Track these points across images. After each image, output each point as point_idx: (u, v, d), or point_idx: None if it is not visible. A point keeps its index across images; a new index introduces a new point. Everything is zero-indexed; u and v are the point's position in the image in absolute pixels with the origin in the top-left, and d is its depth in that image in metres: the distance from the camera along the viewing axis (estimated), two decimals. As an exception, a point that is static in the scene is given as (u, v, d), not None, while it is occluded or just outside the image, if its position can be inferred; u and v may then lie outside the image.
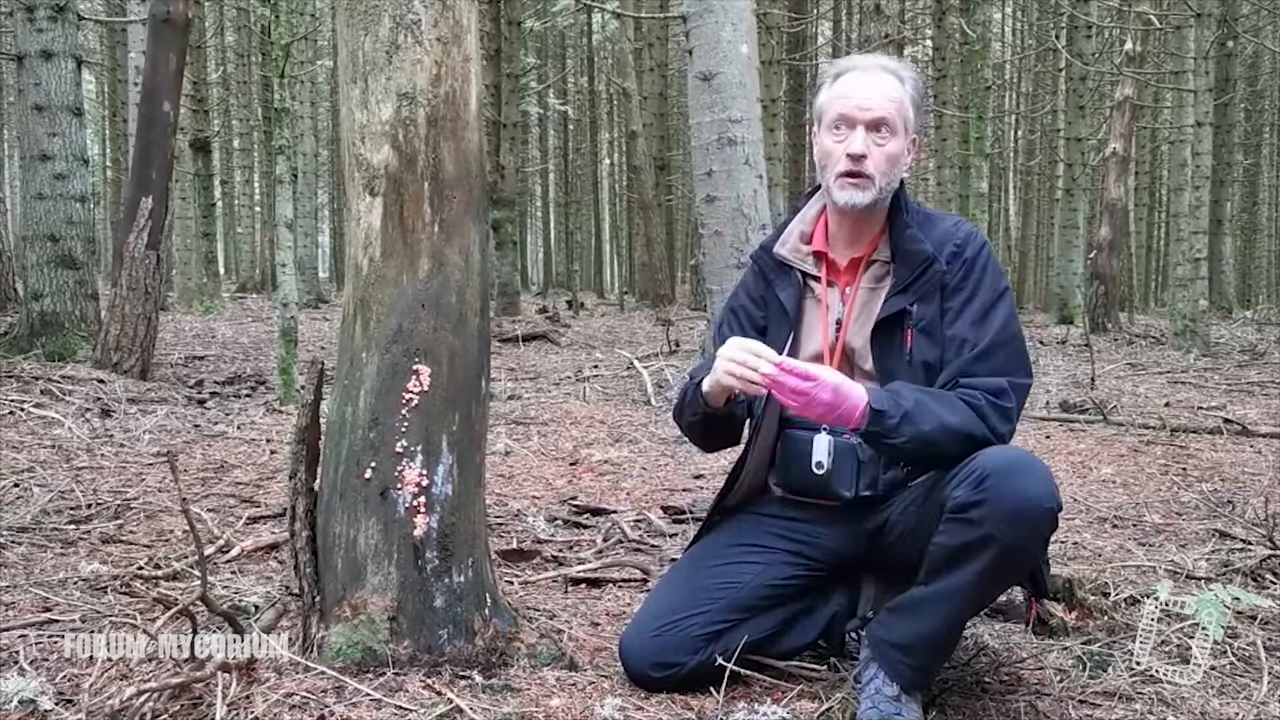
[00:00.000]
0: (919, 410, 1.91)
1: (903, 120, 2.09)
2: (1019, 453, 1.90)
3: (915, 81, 2.12)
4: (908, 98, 2.10)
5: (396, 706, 1.83)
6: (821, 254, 2.19)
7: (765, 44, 13.58)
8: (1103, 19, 16.50)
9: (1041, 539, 1.88)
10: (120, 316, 6.49)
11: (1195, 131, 11.70)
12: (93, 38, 23.25)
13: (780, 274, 2.23)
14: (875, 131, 2.07)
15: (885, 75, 2.10)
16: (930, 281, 2.06)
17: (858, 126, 2.06)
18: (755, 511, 2.24)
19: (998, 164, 27.09)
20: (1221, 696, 2.10)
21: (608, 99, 31.16)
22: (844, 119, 2.08)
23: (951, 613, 1.89)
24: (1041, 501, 1.80)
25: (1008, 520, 1.79)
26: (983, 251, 2.08)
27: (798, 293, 2.20)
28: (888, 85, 2.09)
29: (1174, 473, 4.52)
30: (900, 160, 2.10)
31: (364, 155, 2.05)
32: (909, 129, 2.11)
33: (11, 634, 2.21)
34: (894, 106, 2.07)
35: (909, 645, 1.90)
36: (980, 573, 1.83)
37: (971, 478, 1.85)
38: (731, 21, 4.79)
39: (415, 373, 2.03)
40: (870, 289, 2.14)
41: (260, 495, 3.77)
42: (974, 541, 1.82)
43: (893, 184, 2.10)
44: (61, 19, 7.03)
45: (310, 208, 19.56)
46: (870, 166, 2.06)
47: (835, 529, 2.14)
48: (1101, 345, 11.43)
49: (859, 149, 2.05)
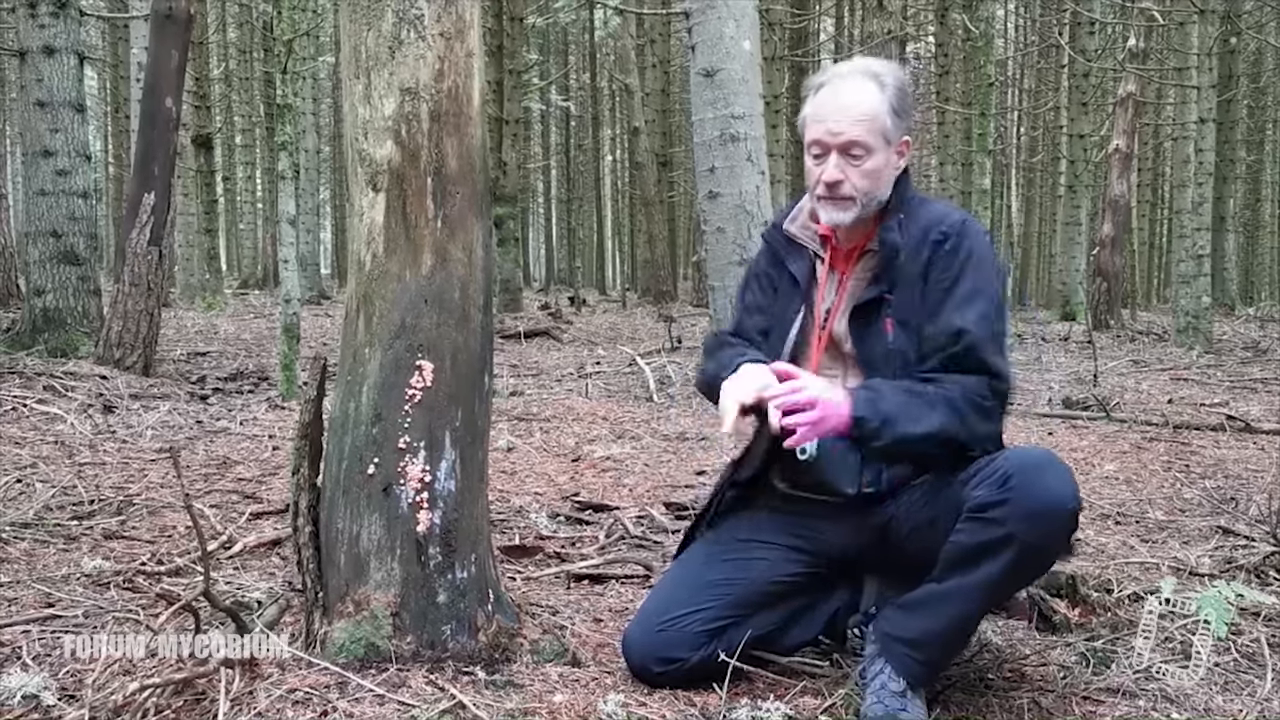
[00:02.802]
0: (899, 414, 1.91)
1: (879, 135, 2.03)
2: (1042, 453, 1.91)
3: (897, 84, 2.06)
4: (887, 104, 2.03)
5: (399, 702, 1.83)
6: (827, 238, 2.18)
7: (768, 40, 13.57)
8: (1106, 15, 16.48)
9: (1063, 539, 1.88)
10: (123, 312, 6.49)
11: (1198, 128, 11.69)
12: (95, 33, 23.25)
13: (791, 250, 2.23)
14: (849, 155, 2.03)
15: (862, 83, 2.04)
16: (902, 270, 2.05)
17: (831, 152, 2.04)
18: (758, 507, 2.24)
19: (1000, 161, 27.04)
20: (1225, 693, 2.10)
21: (610, 95, 31.15)
22: (817, 144, 2.06)
23: (966, 610, 1.90)
24: (1065, 502, 1.81)
25: (1030, 520, 1.80)
26: (971, 243, 2.05)
27: (809, 266, 2.20)
28: (862, 99, 2.03)
29: (1177, 469, 4.51)
30: (883, 172, 2.06)
31: (367, 150, 2.05)
32: (890, 138, 2.05)
33: (14, 630, 2.22)
34: (866, 125, 2.02)
35: (918, 641, 1.90)
36: (999, 571, 1.84)
37: (995, 476, 1.86)
38: (734, 17, 4.78)
39: (418, 368, 2.03)
40: (860, 279, 2.14)
41: (263, 491, 3.77)
42: (996, 540, 1.82)
43: (878, 193, 2.07)
44: (64, 14, 7.03)
45: (313, 204, 19.55)
46: (848, 189, 2.04)
47: (839, 525, 2.14)
48: (1104, 342, 11.42)
49: (832, 176, 2.03)
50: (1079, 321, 13.88)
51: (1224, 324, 15.00)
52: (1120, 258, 14.85)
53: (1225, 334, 13.27)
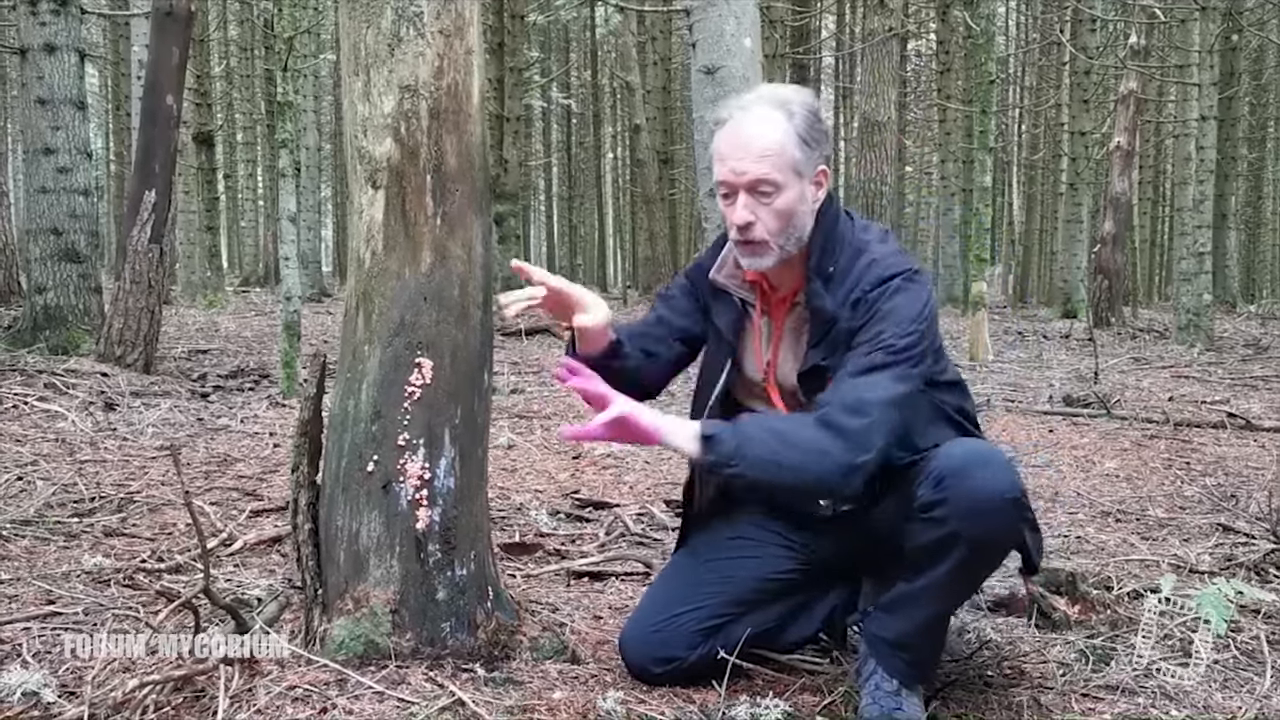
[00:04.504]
0: (757, 441, 1.82)
1: (787, 168, 1.91)
2: (973, 447, 1.87)
3: (806, 110, 1.94)
4: (794, 135, 1.91)
5: (399, 699, 1.83)
6: (757, 283, 2.09)
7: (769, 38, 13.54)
8: (1107, 12, 16.46)
9: (1009, 528, 1.84)
10: (124, 310, 6.49)
11: (1199, 125, 11.68)
12: (96, 31, 23.25)
13: (717, 299, 2.15)
14: (758, 193, 1.92)
15: (767, 114, 1.92)
16: (837, 338, 1.94)
17: (739, 192, 1.93)
18: (750, 508, 2.23)
19: (1002, 158, 27.05)
20: (1225, 690, 2.10)
21: (611, 93, 31.10)
22: (723, 184, 1.95)
23: (937, 608, 1.91)
24: (1001, 493, 1.79)
25: (970, 517, 1.79)
26: (884, 287, 1.90)
27: (737, 319, 2.12)
28: (766, 132, 1.91)
29: (1177, 467, 4.51)
30: (797, 208, 1.94)
31: (366, 148, 2.05)
32: (802, 171, 1.93)
33: (15, 627, 2.22)
34: (771, 161, 1.90)
35: (900, 642, 1.90)
36: (956, 568, 1.84)
37: (931, 477, 1.84)
38: (735, 15, 4.77)
39: (418, 366, 2.03)
40: (795, 330, 2.06)
41: (263, 489, 3.77)
42: (943, 539, 1.82)
43: (795, 231, 1.96)
44: (64, 12, 7.03)
45: (313, 202, 19.56)
46: (760, 231, 1.93)
47: (823, 536, 2.13)
48: (1105, 339, 11.42)
49: (742, 218, 1.92)
50: (1080, 319, 13.88)
51: (1225, 321, 14.99)
52: (1121, 255, 14.84)
53: (1226, 331, 13.26)
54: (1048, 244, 25.67)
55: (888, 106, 9.01)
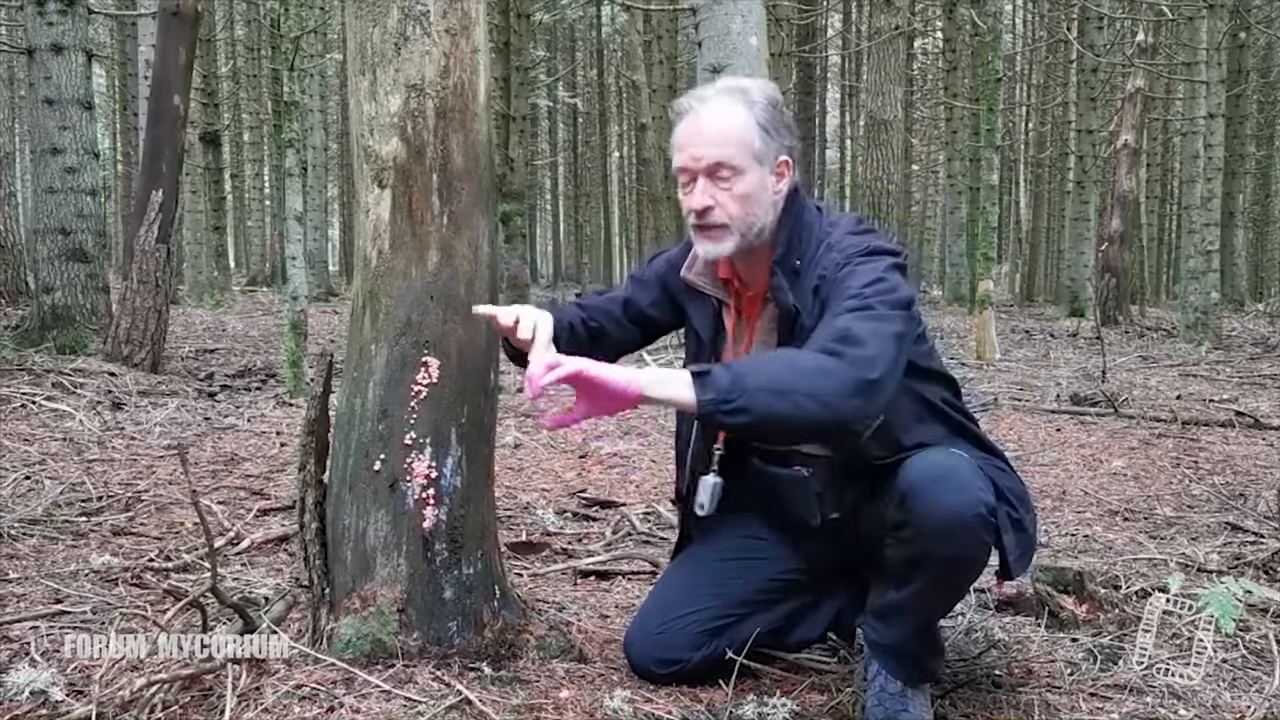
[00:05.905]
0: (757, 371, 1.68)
1: (748, 154, 1.90)
2: (934, 461, 1.82)
3: (767, 100, 1.93)
4: (754, 122, 1.90)
5: (406, 698, 1.83)
6: (729, 281, 2.08)
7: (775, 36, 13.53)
8: (1114, 10, 16.42)
9: (977, 542, 1.79)
10: (131, 310, 6.51)
11: (1207, 123, 11.65)
12: (103, 31, 23.27)
13: (692, 300, 2.13)
14: (717, 178, 1.90)
15: (727, 103, 1.91)
16: (802, 334, 1.87)
17: (698, 177, 1.91)
18: (744, 513, 2.20)
19: (1009, 156, 26.98)
20: (1233, 690, 2.10)
21: (617, 92, 31.09)
22: (684, 171, 1.94)
23: (925, 616, 1.90)
24: (963, 512, 1.75)
25: (935, 537, 1.77)
26: (845, 268, 1.84)
27: (713, 320, 2.10)
28: (726, 118, 1.90)
29: (1185, 466, 4.50)
30: (758, 195, 1.92)
31: (372, 147, 2.05)
32: (762, 158, 1.91)
33: (23, 625, 2.23)
34: (732, 145, 1.89)
35: (895, 648, 1.90)
36: (935, 581, 1.83)
37: (896, 496, 1.82)
38: (741, 14, 4.77)
39: (424, 365, 2.03)
40: (768, 328, 2.03)
41: (270, 488, 3.78)
42: (916, 557, 1.81)
43: (757, 220, 1.93)
44: (71, 12, 7.05)
45: (320, 201, 19.57)
46: (719, 216, 1.91)
47: (817, 544, 2.12)
48: (1112, 338, 11.39)
49: (700, 202, 1.91)
50: (1087, 317, 13.83)
51: (1233, 320, 14.94)
52: (1128, 253, 14.80)
53: (1234, 330, 13.22)
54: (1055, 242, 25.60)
55: (894, 105, 8.99)
